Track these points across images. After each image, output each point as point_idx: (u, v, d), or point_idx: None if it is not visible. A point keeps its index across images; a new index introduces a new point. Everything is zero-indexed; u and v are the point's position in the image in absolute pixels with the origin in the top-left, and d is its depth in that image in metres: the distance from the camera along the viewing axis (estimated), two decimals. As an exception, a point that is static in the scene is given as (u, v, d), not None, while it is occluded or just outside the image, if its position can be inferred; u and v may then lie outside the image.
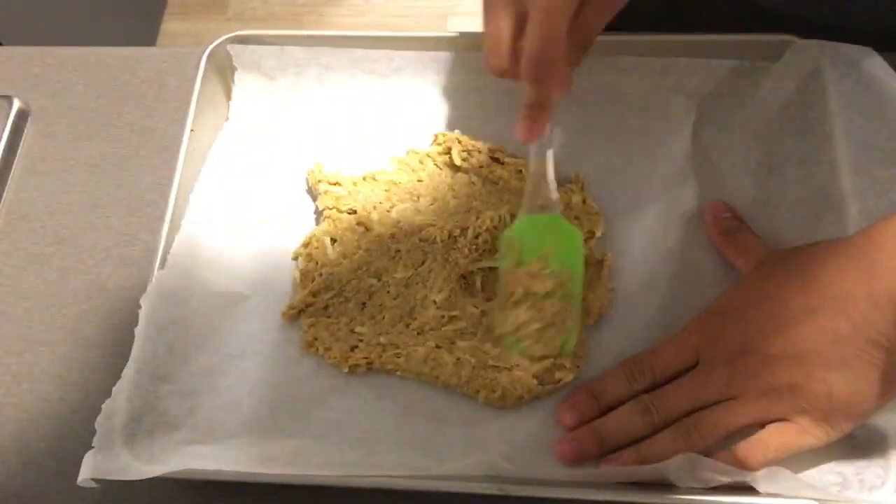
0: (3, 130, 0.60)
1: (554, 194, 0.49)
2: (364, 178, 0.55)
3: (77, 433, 0.49)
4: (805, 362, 0.42)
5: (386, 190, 0.55)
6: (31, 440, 0.50)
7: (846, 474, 0.44)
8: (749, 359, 0.44)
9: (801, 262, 0.44)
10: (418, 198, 0.54)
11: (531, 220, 0.49)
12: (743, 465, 0.42)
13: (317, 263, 0.52)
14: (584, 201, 0.54)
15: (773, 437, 0.43)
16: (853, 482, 0.43)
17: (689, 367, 0.46)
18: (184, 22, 1.75)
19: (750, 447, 0.43)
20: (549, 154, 0.49)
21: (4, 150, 0.60)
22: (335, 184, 0.55)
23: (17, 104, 0.61)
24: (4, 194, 0.59)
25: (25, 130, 0.61)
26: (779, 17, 0.57)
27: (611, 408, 0.46)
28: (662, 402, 0.45)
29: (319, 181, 0.55)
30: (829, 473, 0.44)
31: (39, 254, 0.56)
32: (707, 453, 0.43)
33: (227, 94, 0.59)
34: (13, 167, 0.60)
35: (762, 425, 0.43)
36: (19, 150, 0.60)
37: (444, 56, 0.58)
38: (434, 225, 0.52)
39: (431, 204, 0.54)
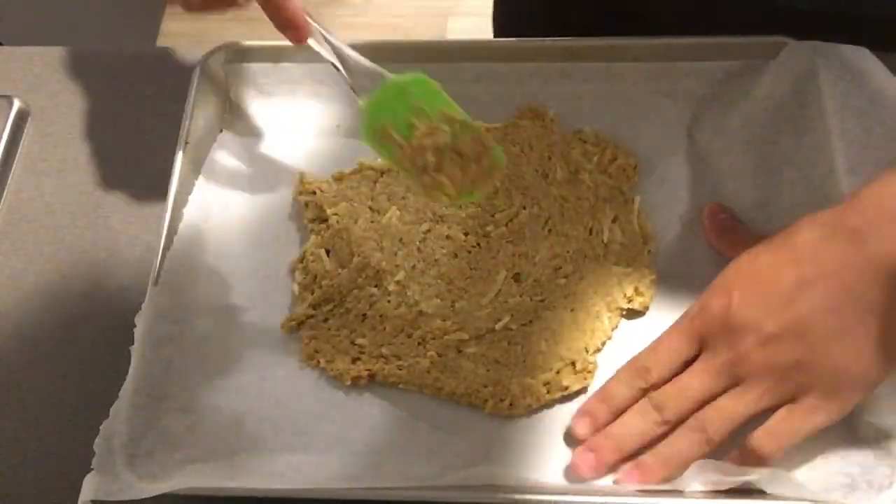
0: (3, 130, 0.60)
1: (367, 64, 0.49)
2: (336, 178, 0.55)
3: (77, 433, 0.49)
4: (805, 337, 0.42)
5: (371, 187, 0.55)
6: (31, 440, 0.50)
7: (854, 475, 0.43)
8: (749, 340, 0.43)
9: (788, 238, 0.44)
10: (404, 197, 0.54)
11: (374, 100, 0.47)
12: (757, 456, 0.42)
13: (315, 277, 0.52)
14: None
15: (784, 423, 0.42)
16: (861, 483, 0.43)
17: (694, 356, 0.45)
18: (184, 22, 1.74)
19: (762, 437, 0.42)
20: (334, 39, 0.50)
21: (4, 150, 0.60)
22: (312, 192, 0.54)
23: (17, 104, 0.61)
24: (4, 194, 0.59)
25: (25, 130, 0.61)
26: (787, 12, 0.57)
27: (622, 411, 0.46)
28: (671, 397, 0.45)
29: (300, 193, 0.55)
30: (836, 475, 0.43)
31: (39, 254, 0.56)
32: (723, 447, 0.43)
33: (223, 102, 0.59)
34: (13, 167, 0.60)
35: (774, 409, 0.43)
36: (19, 150, 0.60)
37: (435, 67, 0.58)
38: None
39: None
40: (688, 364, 0.45)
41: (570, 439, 0.47)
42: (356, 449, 0.47)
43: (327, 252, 0.52)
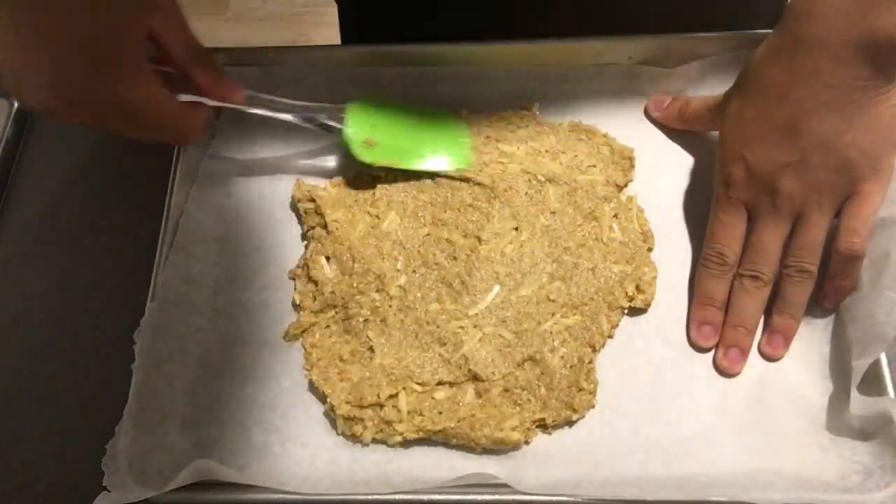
0: (3, 130, 0.60)
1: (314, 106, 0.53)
2: (334, 184, 0.55)
3: (78, 433, 0.49)
4: (823, 144, 0.46)
5: (370, 193, 0.54)
6: (32, 440, 0.50)
7: (865, 462, 0.45)
8: (783, 179, 0.47)
9: (755, 84, 0.48)
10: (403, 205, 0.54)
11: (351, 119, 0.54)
12: (853, 257, 0.47)
13: (316, 284, 0.51)
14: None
15: (854, 218, 0.46)
16: (874, 469, 0.44)
17: (748, 221, 0.49)
18: (184, 22, 1.74)
19: (847, 238, 0.46)
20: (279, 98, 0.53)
21: (4, 150, 0.60)
22: (311, 199, 0.54)
23: (17, 104, 0.61)
24: (4, 194, 0.59)
25: (26, 130, 0.61)
26: None
27: (727, 302, 0.49)
28: (758, 261, 0.48)
29: (299, 200, 0.55)
30: (849, 462, 0.45)
31: (39, 254, 0.56)
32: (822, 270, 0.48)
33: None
34: (13, 167, 0.60)
35: (838, 215, 0.47)
36: (19, 151, 0.60)
37: (429, 70, 0.58)
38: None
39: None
40: (749, 228, 0.49)
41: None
42: (364, 455, 0.47)
43: (327, 259, 0.52)
